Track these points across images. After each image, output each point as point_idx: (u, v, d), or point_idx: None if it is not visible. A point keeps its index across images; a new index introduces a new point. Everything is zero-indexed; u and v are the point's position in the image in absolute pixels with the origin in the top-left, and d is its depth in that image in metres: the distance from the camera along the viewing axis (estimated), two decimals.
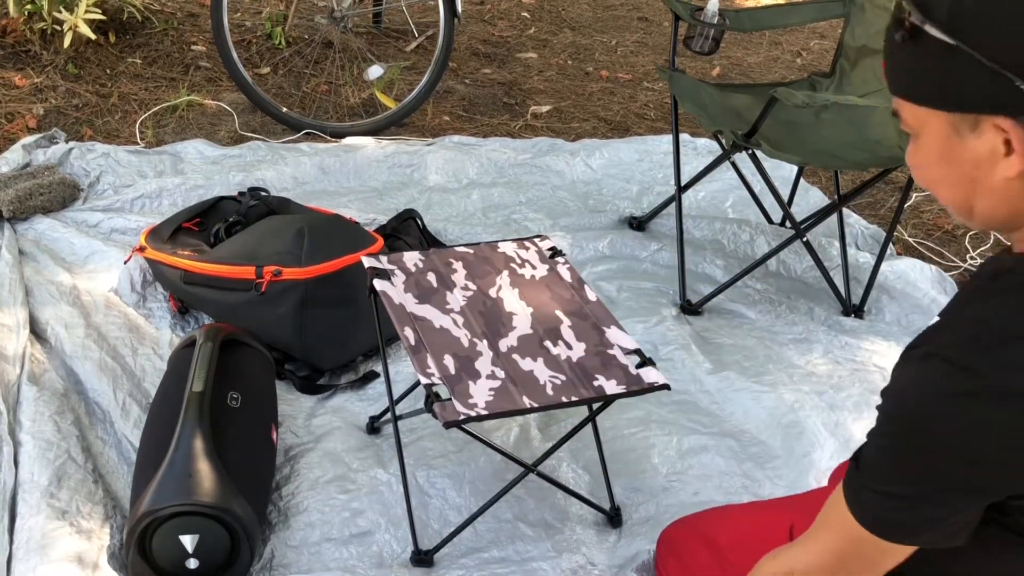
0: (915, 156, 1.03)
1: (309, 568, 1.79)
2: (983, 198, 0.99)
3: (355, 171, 3.20)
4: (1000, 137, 0.93)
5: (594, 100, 4.05)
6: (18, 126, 3.30)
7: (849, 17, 2.81)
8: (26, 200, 2.74)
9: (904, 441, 1.00)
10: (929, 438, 0.98)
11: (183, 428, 1.77)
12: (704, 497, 2.02)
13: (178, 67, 3.84)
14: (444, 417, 1.59)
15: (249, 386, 1.99)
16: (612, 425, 2.17)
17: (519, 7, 4.95)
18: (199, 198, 2.85)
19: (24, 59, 3.69)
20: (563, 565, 1.83)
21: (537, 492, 1.99)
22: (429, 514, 1.93)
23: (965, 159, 0.97)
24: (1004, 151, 0.93)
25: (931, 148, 1.00)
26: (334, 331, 2.30)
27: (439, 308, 1.83)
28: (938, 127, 0.97)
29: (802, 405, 2.26)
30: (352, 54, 3.96)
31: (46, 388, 2.09)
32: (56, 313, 2.34)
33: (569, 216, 3.06)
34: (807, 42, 4.90)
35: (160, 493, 1.68)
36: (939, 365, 0.97)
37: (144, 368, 2.24)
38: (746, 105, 2.75)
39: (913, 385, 1.00)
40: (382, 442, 2.11)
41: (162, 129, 3.43)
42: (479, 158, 3.30)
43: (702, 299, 2.66)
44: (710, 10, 2.72)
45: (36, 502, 1.80)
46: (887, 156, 2.60)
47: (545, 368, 1.72)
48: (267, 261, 2.28)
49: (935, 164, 1.00)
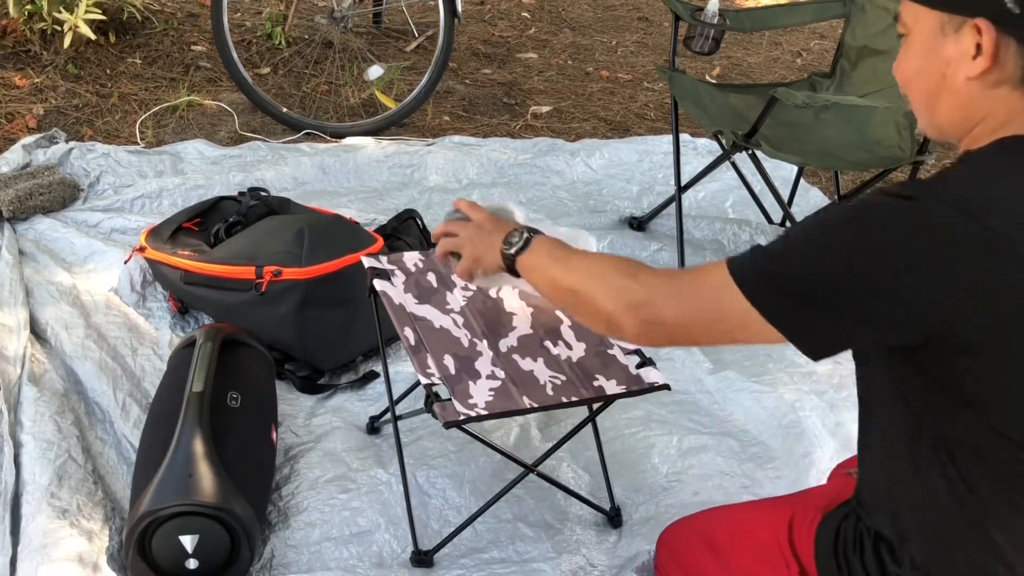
0: (901, 57, 1.19)
1: (309, 568, 1.79)
2: (947, 96, 1.14)
3: (355, 171, 3.20)
4: (974, 40, 1.08)
5: (594, 100, 4.05)
6: (18, 126, 3.30)
7: (849, 17, 2.81)
8: (26, 200, 2.74)
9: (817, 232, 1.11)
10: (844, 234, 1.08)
11: (183, 428, 1.77)
12: (704, 497, 2.02)
13: (178, 67, 3.84)
14: (444, 417, 1.59)
15: (249, 386, 1.99)
16: (612, 425, 2.17)
17: (519, 7, 4.95)
18: (199, 198, 2.85)
19: (24, 59, 3.69)
20: (563, 565, 1.83)
21: (537, 492, 1.99)
22: (429, 514, 1.93)
23: (942, 56, 1.12)
24: (973, 53, 1.09)
25: (918, 44, 1.16)
26: (334, 331, 2.29)
27: (439, 308, 1.83)
28: (928, 24, 1.13)
29: (802, 405, 2.26)
30: (352, 54, 3.96)
31: (46, 388, 2.09)
32: (56, 313, 2.34)
33: (569, 216, 3.06)
34: (807, 42, 4.90)
35: (160, 493, 1.68)
36: (876, 193, 1.10)
37: (144, 368, 2.24)
38: (746, 105, 2.75)
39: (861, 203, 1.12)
40: (382, 442, 2.11)
41: (162, 129, 3.43)
42: (479, 158, 3.30)
43: None
44: (710, 10, 2.72)
45: (37, 502, 1.80)
46: (887, 156, 2.60)
47: (545, 368, 1.72)
48: (267, 261, 2.28)
49: (917, 58, 1.16)
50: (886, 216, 1.06)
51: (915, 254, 1.04)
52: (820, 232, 1.11)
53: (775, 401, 2.28)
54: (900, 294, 1.05)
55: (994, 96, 1.10)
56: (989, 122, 1.11)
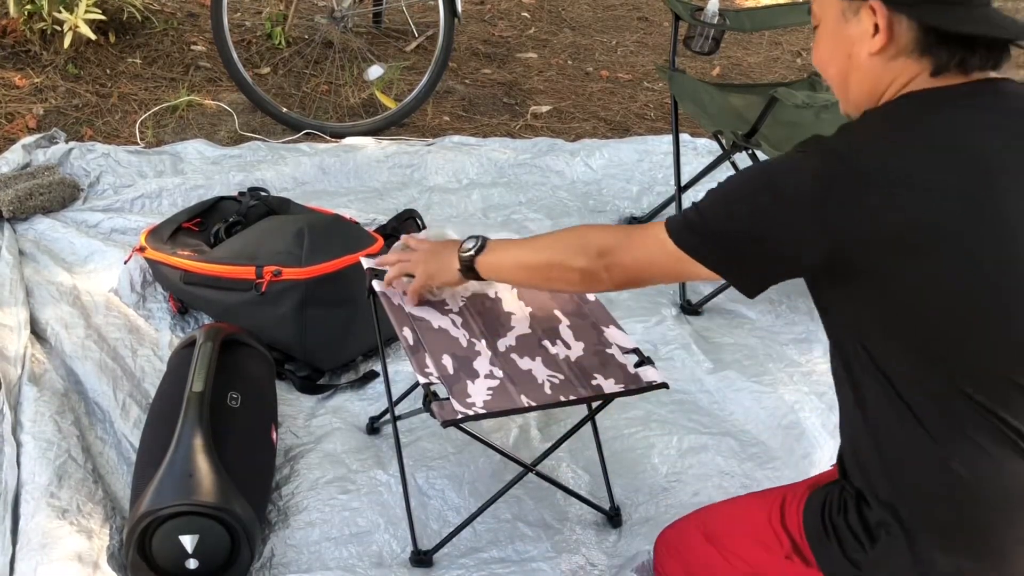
0: (816, 45, 1.34)
1: (309, 568, 1.79)
2: (855, 73, 1.29)
3: (355, 171, 3.20)
4: (871, 21, 1.24)
5: (594, 100, 4.05)
6: (18, 126, 3.30)
7: None
8: (26, 200, 2.74)
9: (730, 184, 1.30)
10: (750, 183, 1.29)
11: (183, 428, 1.77)
12: (704, 497, 2.02)
13: (178, 67, 3.84)
14: (442, 416, 1.59)
15: (249, 386, 1.99)
16: (612, 425, 2.17)
17: (519, 7, 4.95)
18: (199, 198, 2.85)
19: (24, 59, 3.69)
20: (562, 565, 1.83)
21: (536, 492, 1.99)
22: (428, 514, 1.93)
23: (847, 38, 1.28)
24: (872, 32, 1.24)
25: (826, 31, 1.31)
26: (334, 331, 2.30)
27: (437, 308, 1.83)
28: (833, 12, 1.29)
29: (802, 406, 2.26)
30: (352, 54, 3.96)
31: (46, 388, 2.09)
32: (56, 313, 2.34)
33: (569, 216, 3.06)
34: (807, 42, 4.90)
35: (160, 493, 1.68)
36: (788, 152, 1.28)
37: (144, 368, 2.24)
38: (746, 105, 2.75)
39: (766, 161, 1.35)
40: (382, 442, 2.11)
41: (162, 129, 3.43)
42: (479, 158, 3.30)
43: (702, 299, 2.66)
44: (710, 10, 2.73)
45: (37, 502, 1.80)
46: None
47: (543, 367, 1.72)
48: (267, 261, 2.28)
49: (827, 44, 1.31)
50: (781, 166, 1.26)
51: (798, 193, 1.20)
52: (733, 184, 1.30)
53: (775, 401, 2.28)
54: (791, 227, 1.21)
55: (894, 67, 1.25)
56: (893, 87, 1.26)
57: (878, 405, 1.26)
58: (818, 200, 1.19)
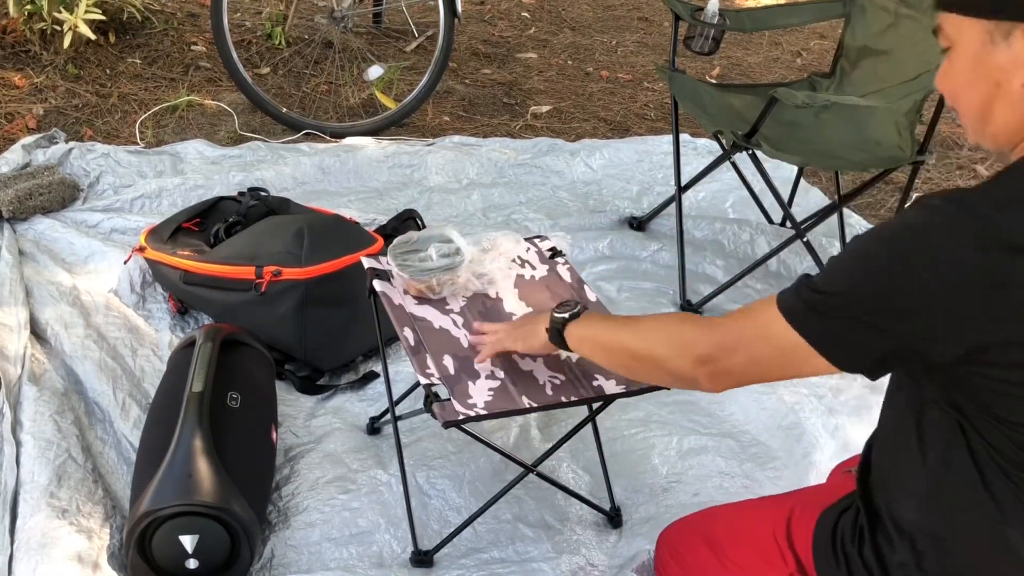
0: (946, 71, 1.16)
1: (309, 568, 1.79)
2: (1001, 103, 1.11)
3: (355, 171, 3.20)
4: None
5: (594, 100, 4.05)
6: (18, 126, 3.30)
7: (849, 17, 2.81)
8: (26, 200, 2.74)
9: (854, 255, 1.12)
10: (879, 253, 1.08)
11: (183, 428, 1.77)
12: (704, 497, 2.02)
13: (178, 67, 3.84)
14: (443, 417, 1.59)
15: (249, 386, 1.99)
16: (612, 425, 2.17)
17: (519, 7, 4.95)
18: (199, 198, 2.85)
19: (24, 59, 3.69)
20: (563, 565, 1.83)
21: (537, 492, 1.99)
22: (429, 514, 1.93)
23: (993, 65, 1.09)
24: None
25: (964, 56, 1.12)
26: (334, 331, 2.29)
27: (438, 308, 1.83)
28: (974, 34, 1.10)
29: (802, 407, 2.26)
30: (352, 54, 3.96)
31: (46, 388, 2.09)
32: (56, 313, 2.34)
33: (569, 216, 3.06)
34: (807, 42, 4.90)
35: (160, 493, 1.68)
36: (911, 206, 1.08)
37: (144, 368, 2.24)
38: (746, 105, 2.75)
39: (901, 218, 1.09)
40: (382, 442, 2.11)
41: (162, 129, 3.43)
42: (479, 158, 3.30)
43: (702, 299, 2.65)
44: (710, 10, 2.72)
45: (36, 501, 1.80)
46: (887, 156, 2.60)
47: (544, 368, 1.72)
48: (267, 261, 2.28)
49: (965, 70, 1.13)
50: (915, 230, 1.06)
51: (940, 268, 1.02)
52: (856, 255, 1.12)
53: (775, 403, 2.28)
54: (931, 309, 1.04)
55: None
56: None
57: (941, 451, 1.16)
58: (966, 288, 1.02)
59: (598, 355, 1.48)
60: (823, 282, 1.13)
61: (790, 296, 1.16)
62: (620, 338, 1.41)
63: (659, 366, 1.31)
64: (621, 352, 1.41)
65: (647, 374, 1.39)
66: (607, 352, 1.45)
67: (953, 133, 3.91)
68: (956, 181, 3.52)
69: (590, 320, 1.50)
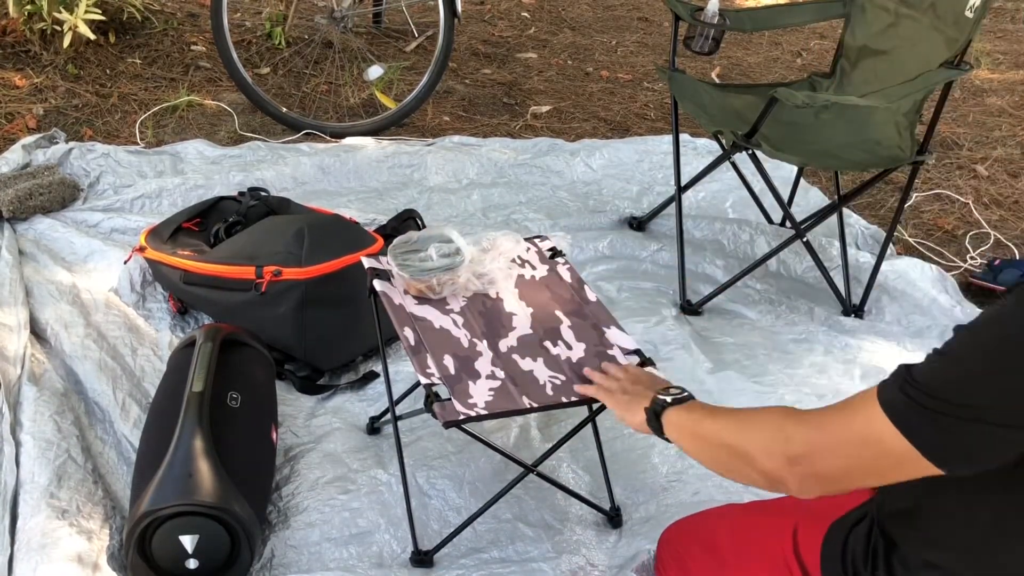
0: None
1: (309, 568, 1.79)
2: None
3: (355, 171, 3.20)
4: None
5: (594, 100, 4.05)
6: (18, 126, 3.30)
7: (849, 17, 2.81)
8: (26, 200, 2.74)
9: (984, 354, 1.00)
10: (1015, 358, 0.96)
11: (183, 428, 1.77)
12: (704, 497, 2.01)
13: (178, 67, 3.84)
14: (444, 417, 1.59)
15: (249, 386, 1.99)
16: (612, 425, 2.16)
17: (519, 7, 4.95)
18: (199, 198, 2.85)
19: (24, 59, 3.69)
20: (563, 565, 1.83)
21: (537, 492, 1.99)
22: (429, 514, 1.93)
23: None
24: None
25: None
26: (334, 331, 2.29)
27: (439, 308, 1.83)
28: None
29: (802, 406, 2.23)
30: (352, 54, 3.96)
31: (46, 388, 2.09)
32: (56, 313, 2.34)
33: (569, 216, 3.06)
34: (807, 42, 4.90)
35: (160, 493, 1.68)
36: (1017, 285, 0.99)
37: (144, 368, 2.24)
38: (746, 105, 2.75)
39: (1014, 307, 0.99)
40: (382, 442, 2.11)
41: (162, 129, 3.43)
42: (479, 158, 3.30)
43: (702, 299, 2.66)
44: (710, 10, 2.72)
45: (36, 502, 1.80)
46: (887, 156, 2.60)
47: (545, 368, 1.72)
48: (267, 261, 2.28)
49: None
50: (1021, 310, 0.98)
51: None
52: (964, 346, 1.03)
53: (775, 402, 2.27)
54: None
55: None
56: None
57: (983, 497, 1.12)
58: None
59: (695, 446, 1.37)
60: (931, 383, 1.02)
61: (897, 400, 1.05)
62: (717, 427, 1.32)
63: (750, 462, 1.22)
64: (718, 444, 1.31)
65: (739, 471, 1.27)
66: (703, 443, 1.34)
67: (953, 133, 3.91)
68: (956, 181, 3.52)
69: (692, 407, 1.41)
